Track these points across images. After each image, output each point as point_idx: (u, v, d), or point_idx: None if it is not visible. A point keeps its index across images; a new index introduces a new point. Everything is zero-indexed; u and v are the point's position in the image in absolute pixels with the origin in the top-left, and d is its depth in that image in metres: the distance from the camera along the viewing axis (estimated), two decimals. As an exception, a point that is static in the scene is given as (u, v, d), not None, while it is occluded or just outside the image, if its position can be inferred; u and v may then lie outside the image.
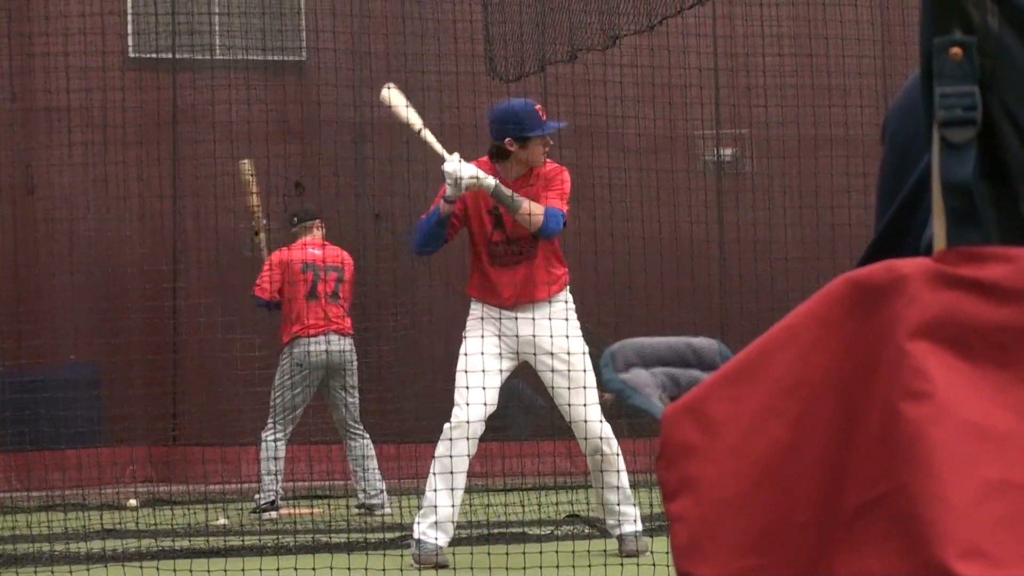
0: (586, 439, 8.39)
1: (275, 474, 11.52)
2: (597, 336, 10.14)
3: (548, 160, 8.56)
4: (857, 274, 1.74)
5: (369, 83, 14.03)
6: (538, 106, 8.53)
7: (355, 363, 11.66)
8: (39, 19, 12.75)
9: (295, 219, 11.99)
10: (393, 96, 8.83)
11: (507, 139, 8.39)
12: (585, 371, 8.42)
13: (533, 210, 8.29)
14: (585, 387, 8.39)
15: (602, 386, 9.00)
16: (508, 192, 8.31)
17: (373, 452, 11.68)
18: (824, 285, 1.78)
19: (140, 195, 13.82)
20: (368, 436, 11.71)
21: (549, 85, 13.59)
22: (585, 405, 8.37)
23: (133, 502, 12.63)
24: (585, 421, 8.37)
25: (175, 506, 12.39)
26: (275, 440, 11.51)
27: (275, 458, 11.50)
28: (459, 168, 8.29)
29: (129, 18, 14.74)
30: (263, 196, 12.31)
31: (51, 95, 12.97)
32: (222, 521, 11.31)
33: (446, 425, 8.33)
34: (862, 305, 1.72)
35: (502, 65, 11.07)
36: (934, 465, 1.60)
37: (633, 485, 8.74)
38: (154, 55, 14.74)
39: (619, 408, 10.90)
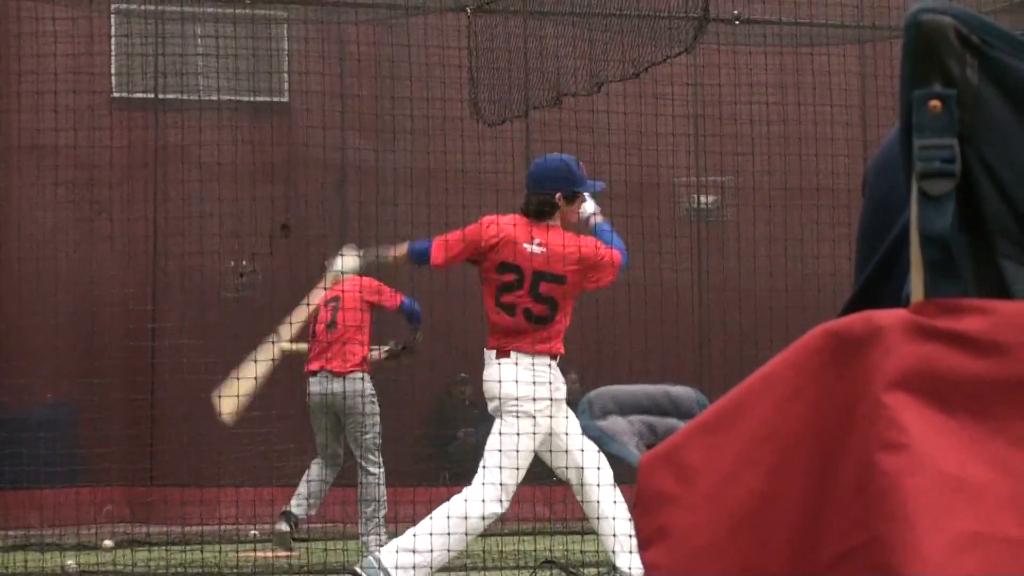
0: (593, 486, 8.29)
1: (306, 497, 11.20)
2: None
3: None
4: (834, 324, 1.74)
5: (354, 125, 14.05)
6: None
7: (360, 404, 10.91)
8: (26, 57, 12.75)
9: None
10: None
11: (558, 194, 8.22)
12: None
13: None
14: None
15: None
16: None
17: (384, 495, 10.87)
18: (803, 335, 1.77)
19: (123, 235, 13.79)
20: (379, 470, 10.91)
21: (532, 131, 13.61)
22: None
23: (108, 543, 12.56)
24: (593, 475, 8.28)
25: (152, 547, 12.33)
26: (317, 465, 11.26)
27: (307, 480, 11.22)
28: None
29: (113, 58, 14.75)
30: (250, 240, 12.25)
31: (36, 134, 12.96)
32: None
33: (477, 507, 7.99)
34: (839, 356, 1.72)
35: (486, 109, 11.09)
36: (909, 517, 1.60)
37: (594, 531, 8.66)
38: (139, 95, 14.75)
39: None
